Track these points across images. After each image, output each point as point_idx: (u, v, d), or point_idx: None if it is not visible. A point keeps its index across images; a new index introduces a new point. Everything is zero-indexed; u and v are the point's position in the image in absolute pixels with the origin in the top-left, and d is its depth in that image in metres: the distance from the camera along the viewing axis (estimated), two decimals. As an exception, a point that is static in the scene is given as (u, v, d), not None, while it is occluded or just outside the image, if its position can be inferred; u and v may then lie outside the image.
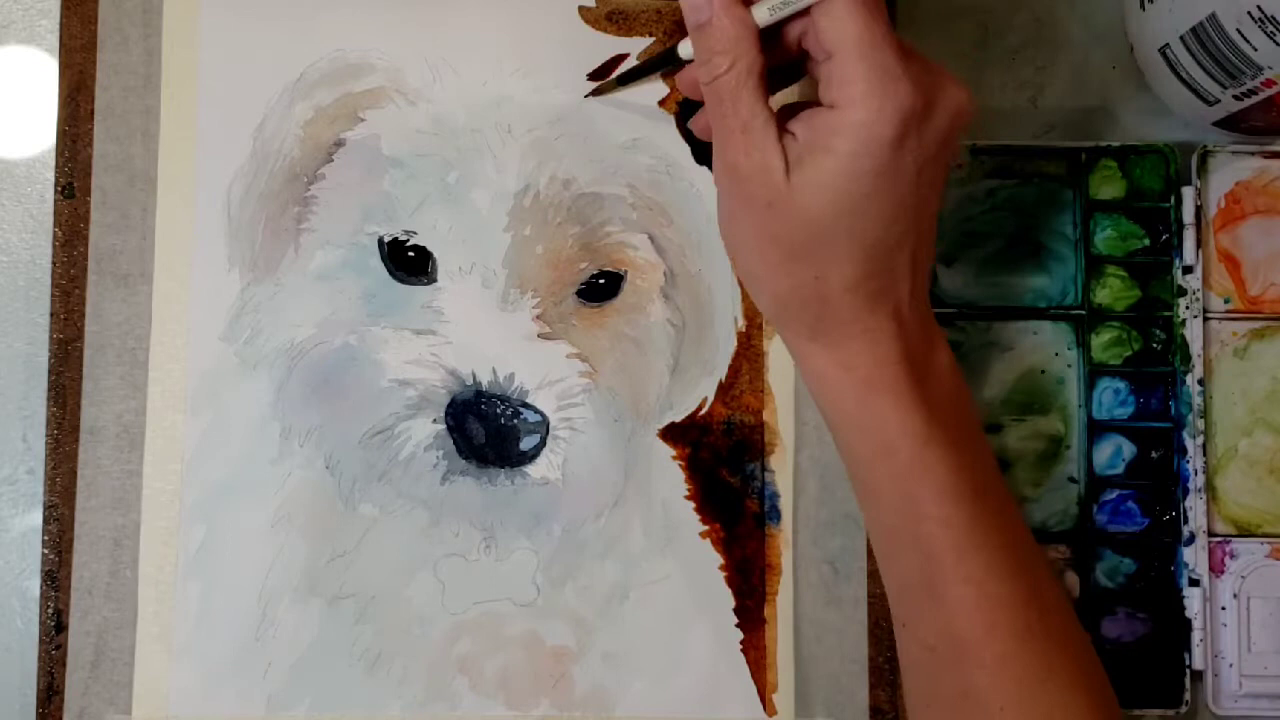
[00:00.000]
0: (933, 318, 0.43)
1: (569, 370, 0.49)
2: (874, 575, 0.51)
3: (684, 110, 0.51)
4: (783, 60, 0.42)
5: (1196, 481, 0.52)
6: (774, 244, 0.41)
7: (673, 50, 0.45)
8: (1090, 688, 0.41)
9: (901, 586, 0.43)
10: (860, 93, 0.39)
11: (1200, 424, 0.52)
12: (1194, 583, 0.51)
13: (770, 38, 0.41)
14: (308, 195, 0.50)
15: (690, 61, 0.44)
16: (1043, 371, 0.53)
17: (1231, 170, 0.53)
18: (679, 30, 0.51)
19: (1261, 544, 0.52)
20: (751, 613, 0.50)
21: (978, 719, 0.41)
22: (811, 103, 0.41)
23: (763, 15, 0.41)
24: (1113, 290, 0.52)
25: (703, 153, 0.51)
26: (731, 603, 0.50)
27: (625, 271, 0.50)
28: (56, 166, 0.50)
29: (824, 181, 0.40)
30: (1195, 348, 0.52)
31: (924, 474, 0.41)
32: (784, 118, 0.41)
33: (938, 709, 0.42)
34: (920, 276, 0.42)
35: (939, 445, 0.41)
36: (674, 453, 0.51)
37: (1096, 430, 0.52)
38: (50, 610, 0.49)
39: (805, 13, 0.41)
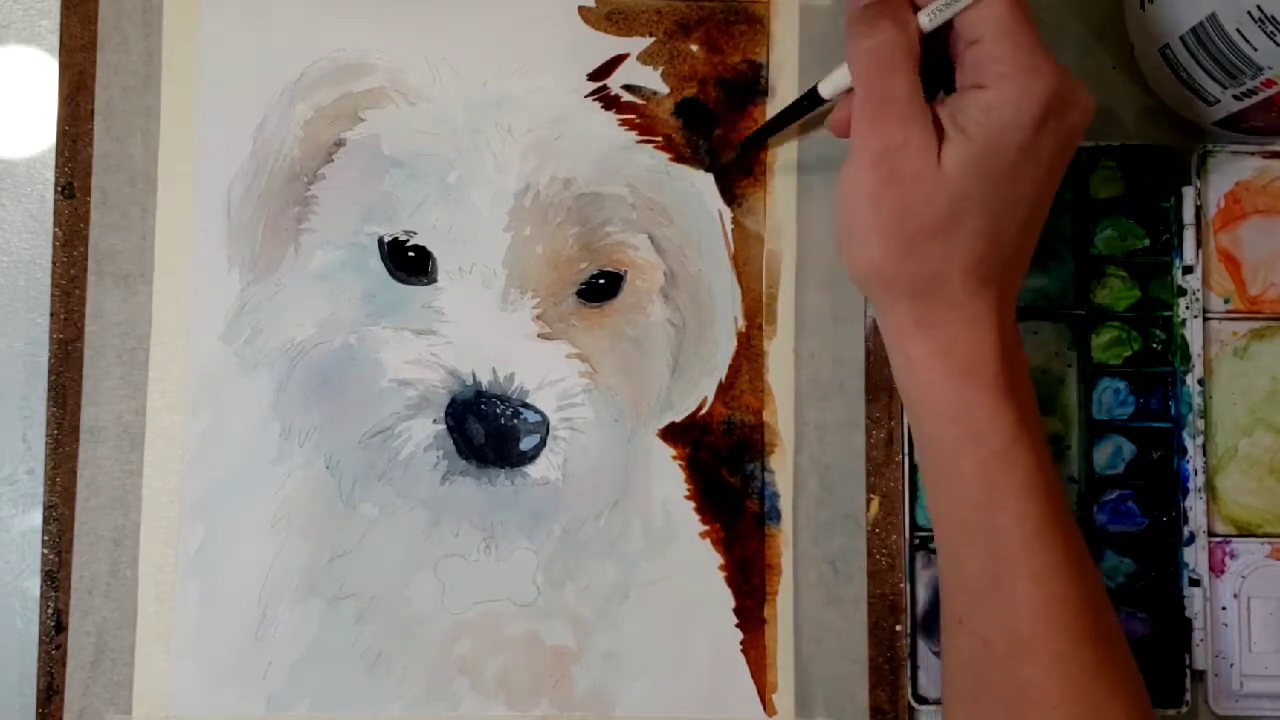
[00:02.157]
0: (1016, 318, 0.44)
1: (569, 370, 0.49)
2: (874, 575, 0.51)
3: (684, 111, 0.51)
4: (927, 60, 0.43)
5: (1196, 481, 0.52)
6: (909, 220, 0.41)
7: (813, 90, 0.46)
8: (1132, 690, 0.42)
9: (964, 580, 0.43)
10: (1009, 69, 0.40)
11: (1200, 424, 0.52)
12: (1194, 583, 0.51)
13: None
14: (308, 195, 0.50)
15: (827, 102, 0.46)
16: (1043, 371, 0.53)
17: (1231, 170, 0.53)
18: (680, 31, 0.51)
19: (1261, 544, 0.52)
20: (751, 613, 0.50)
21: (1031, 715, 0.41)
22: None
23: (925, 21, 0.42)
24: (1113, 290, 0.52)
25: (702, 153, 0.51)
26: (731, 603, 0.50)
27: (625, 271, 0.50)
28: (56, 166, 0.50)
29: (971, 155, 0.41)
30: (1195, 348, 0.52)
31: (1009, 467, 0.42)
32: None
33: (988, 703, 0.43)
34: (1019, 274, 0.44)
35: (1025, 441, 0.42)
36: (674, 453, 0.51)
37: (1096, 430, 0.52)
38: (50, 610, 0.49)
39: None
